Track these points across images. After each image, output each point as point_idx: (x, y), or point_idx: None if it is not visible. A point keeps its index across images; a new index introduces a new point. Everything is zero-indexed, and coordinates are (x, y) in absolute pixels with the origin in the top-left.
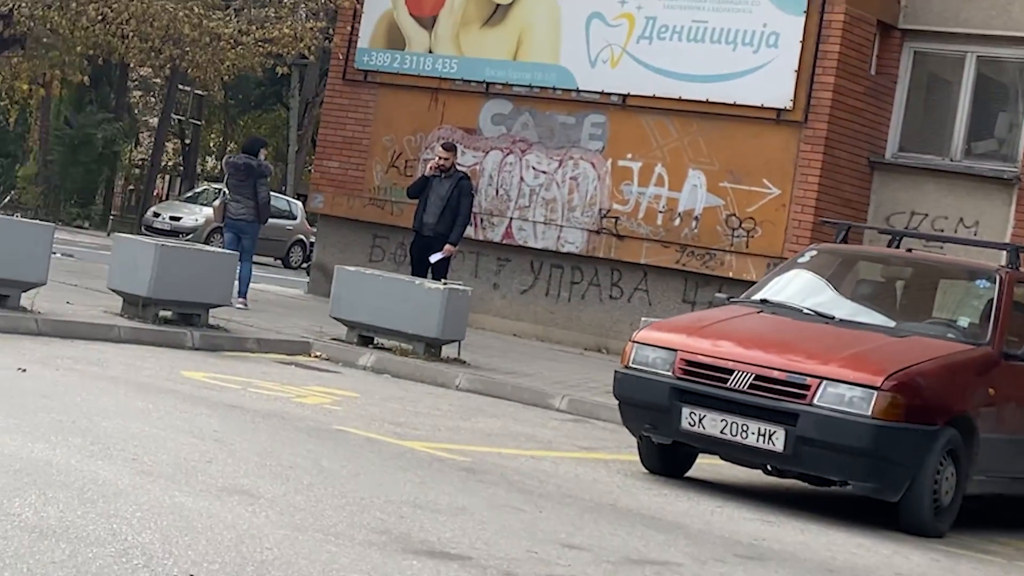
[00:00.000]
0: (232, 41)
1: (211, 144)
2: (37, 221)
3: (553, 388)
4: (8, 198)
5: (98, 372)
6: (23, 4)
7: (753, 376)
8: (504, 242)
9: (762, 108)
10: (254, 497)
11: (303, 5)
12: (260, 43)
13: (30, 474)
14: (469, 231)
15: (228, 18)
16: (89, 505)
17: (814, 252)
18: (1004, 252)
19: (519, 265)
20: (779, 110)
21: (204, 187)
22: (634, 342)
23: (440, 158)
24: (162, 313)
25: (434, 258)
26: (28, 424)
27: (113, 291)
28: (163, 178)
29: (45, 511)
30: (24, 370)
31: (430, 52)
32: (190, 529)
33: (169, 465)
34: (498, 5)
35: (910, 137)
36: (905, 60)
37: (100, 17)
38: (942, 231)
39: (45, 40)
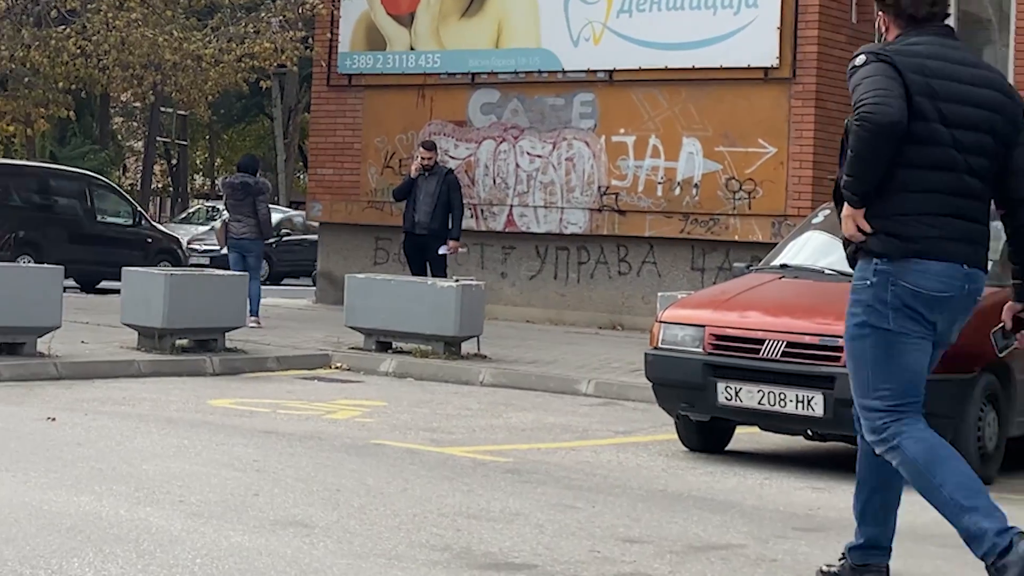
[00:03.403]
0: (213, 60)
1: (198, 162)
2: (45, 265)
3: (577, 373)
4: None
5: (126, 411)
6: (2, 47)
7: (785, 343)
8: (507, 230)
9: (749, 68)
10: (308, 527)
11: (280, 16)
12: (241, 59)
13: (82, 530)
14: (471, 223)
15: (207, 38)
16: (148, 557)
17: (827, 211)
18: None
19: (524, 251)
20: (766, 69)
21: (197, 206)
22: (661, 322)
23: (422, 158)
24: (178, 342)
25: (443, 250)
26: (69, 476)
27: (127, 325)
28: (154, 201)
29: (106, 569)
30: (53, 419)
31: (412, 49)
32: (252, 570)
33: (217, 504)
34: None
35: None
36: None
37: (79, 51)
38: None
39: (27, 80)
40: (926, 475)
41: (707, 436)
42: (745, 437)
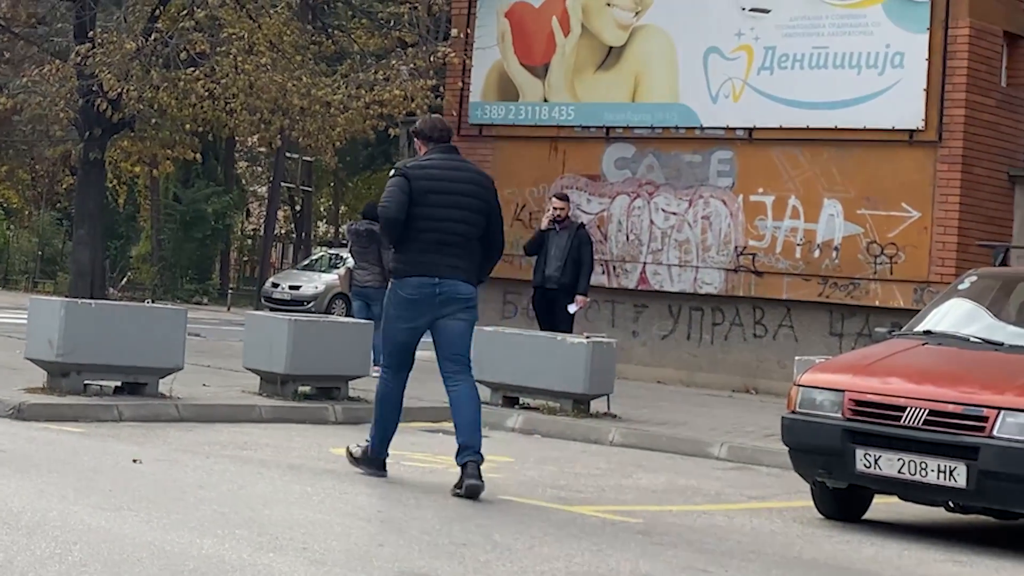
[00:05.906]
0: (342, 107)
1: (322, 209)
2: (168, 306)
3: (710, 436)
4: (125, 279)
5: (248, 456)
6: (131, 87)
7: (927, 412)
8: (640, 288)
9: (893, 131)
10: None
11: (411, 64)
12: (370, 106)
13: (205, 573)
14: (603, 279)
15: (336, 84)
16: None
17: (974, 278)
18: None
19: (657, 310)
20: (911, 131)
21: (320, 253)
22: (799, 385)
23: (555, 209)
24: (301, 389)
25: (572, 308)
26: (192, 518)
27: (249, 370)
28: (276, 247)
29: None
30: (139, 461)
31: (545, 101)
32: None
33: (341, 552)
34: (611, 48)
35: None
36: None
37: (207, 93)
38: None
39: (154, 121)
40: (375, 408)
41: (844, 504)
42: (883, 506)
